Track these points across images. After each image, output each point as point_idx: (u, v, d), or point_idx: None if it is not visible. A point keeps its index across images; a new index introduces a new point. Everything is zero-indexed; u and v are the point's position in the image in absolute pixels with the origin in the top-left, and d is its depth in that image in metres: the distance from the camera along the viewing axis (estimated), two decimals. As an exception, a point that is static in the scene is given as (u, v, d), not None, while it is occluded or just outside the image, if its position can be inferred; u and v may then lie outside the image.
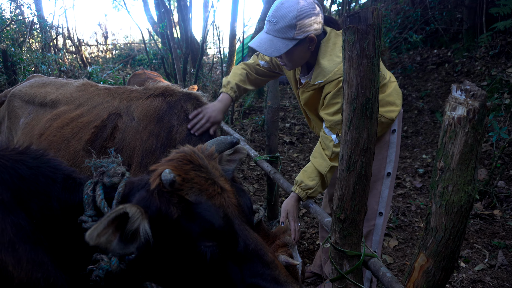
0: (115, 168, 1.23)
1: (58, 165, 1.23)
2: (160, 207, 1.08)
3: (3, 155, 1.14)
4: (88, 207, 1.15)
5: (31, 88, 2.24)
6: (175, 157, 1.18)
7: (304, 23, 1.78)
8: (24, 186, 1.11)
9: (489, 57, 5.87)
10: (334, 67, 1.81)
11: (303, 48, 1.85)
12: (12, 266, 0.99)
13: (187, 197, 1.10)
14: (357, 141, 1.29)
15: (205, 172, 1.17)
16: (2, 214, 1.02)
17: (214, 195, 1.14)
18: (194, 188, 1.12)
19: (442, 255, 1.17)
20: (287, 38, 1.79)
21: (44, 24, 11.65)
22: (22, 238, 1.03)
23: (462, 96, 1.07)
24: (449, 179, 1.10)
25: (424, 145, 5.23)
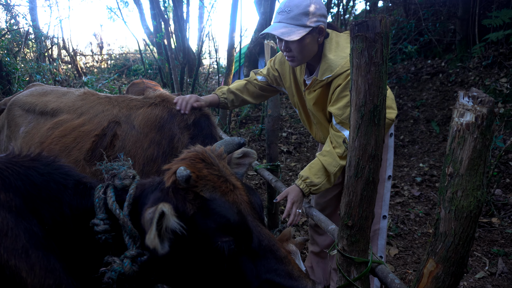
0: (126, 170, 1.24)
1: (69, 171, 1.23)
2: (177, 205, 1.09)
3: (16, 162, 1.14)
4: (99, 210, 1.16)
5: (32, 97, 2.23)
6: (187, 156, 1.21)
7: (316, 12, 1.84)
8: (36, 193, 1.11)
9: (482, 67, 5.97)
10: (342, 61, 1.85)
11: (313, 39, 1.89)
12: (26, 272, 0.99)
13: (202, 194, 1.12)
14: (365, 148, 1.29)
15: (217, 170, 1.20)
16: (16, 220, 1.02)
17: (227, 192, 1.16)
18: (208, 185, 1.14)
19: (452, 260, 1.18)
20: (301, 25, 1.83)
21: (39, 34, 11.66)
22: (34, 244, 1.02)
23: (469, 103, 1.08)
24: (458, 184, 1.10)
25: (420, 154, 5.27)
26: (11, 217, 1.03)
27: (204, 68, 13.84)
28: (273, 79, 2.31)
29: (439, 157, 5.03)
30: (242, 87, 2.36)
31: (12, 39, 10.25)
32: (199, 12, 15.42)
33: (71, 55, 13.83)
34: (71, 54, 13.86)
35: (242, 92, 2.35)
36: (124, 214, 1.14)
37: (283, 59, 2.23)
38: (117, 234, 1.16)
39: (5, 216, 1.02)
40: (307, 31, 1.83)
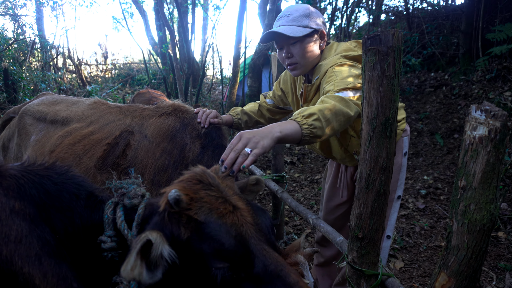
0: (135, 189, 1.23)
1: (82, 181, 1.24)
2: (172, 229, 1.06)
3: (31, 170, 1.16)
4: (108, 227, 1.15)
5: (42, 106, 2.25)
6: (184, 178, 1.16)
7: (315, 16, 1.87)
8: (49, 202, 1.12)
9: (486, 80, 6.00)
10: (330, 63, 1.82)
11: (315, 42, 1.89)
12: (39, 279, 0.99)
13: (195, 217, 1.07)
14: (376, 160, 1.30)
15: (215, 190, 1.13)
16: (30, 228, 1.03)
17: (225, 214, 1.09)
18: (204, 207, 1.08)
19: (464, 274, 1.17)
20: (302, 25, 1.84)
21: (45, 43, 11.82)
22: (47, 252, 1.03)
23: (482, 116, 1.09)
24: (471, 197, 1.11)
25: (424, 167, 5.26)
26: (25, 225, 1.04)
27: (207, 79, 13.95)
28: (279, 100, 2.33)
29: (444, 170, 5.02)
30: (256, 110, 2.37)
31: (18, 49, 10.40)
32: (203, 23, 15.62)
33: (76, 64, 13.98)
34: (76, 64, 14.01)
35: (255, 114, 2.36)
36: (132, 234, 1.12)
37: (286, 78, 2.26)
38: (124, 252, 1.14)
39: (20, 223, 1.03)
40: (309, 31, 1.84)
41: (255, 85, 7.72)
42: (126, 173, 1.91)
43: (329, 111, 1.47)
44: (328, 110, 1.47)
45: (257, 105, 2.39)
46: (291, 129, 1.38)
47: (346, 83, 1.63)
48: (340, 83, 1.64)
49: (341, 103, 1.53)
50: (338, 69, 1.75)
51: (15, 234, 1.01)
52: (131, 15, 15.06)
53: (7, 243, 0.99)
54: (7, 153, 2.32)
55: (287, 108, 2.39)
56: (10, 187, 1.08)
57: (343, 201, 2.38)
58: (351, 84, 1.62)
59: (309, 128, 1.41)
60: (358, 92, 1.64)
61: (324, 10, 10.43)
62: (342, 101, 1.54)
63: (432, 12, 8.26)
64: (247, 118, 2.34)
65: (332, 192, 2.44)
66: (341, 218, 2.44)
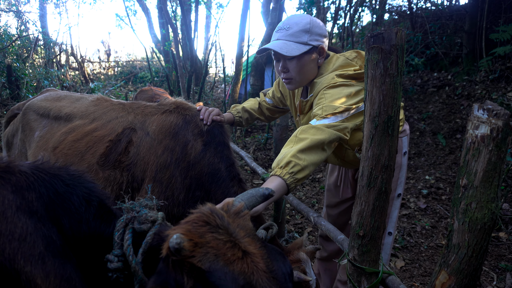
0: (146, 214, 1.18)
1: (94, 187, 1.22)
2: (176, 277, 0.98)
3: (43, 168, 1.15)
4: (116, 246, 1.12)
5: (46, 102, 2.26)
6: (191, 219, 1.06)
7: (317, 31, 1.78)
8: (58, 202, 1.11)
9: (489, 81, 5.98)
10: (324, 82, 1.79)
11: (313, 59, 1.83)
12: (41, 279, 0.98)
13: (199, 265, 0.97)
14: (378, 158, 1.30)
15: (224, 233, 1.03)
16: (35, 226, 1.02)
17: (234, 260, 0.99)
18: (209, 253, 0.99)
19: (465, 272, 1.17)
20: (301, 42, 1.77)
21: (48, 40, 11.85)
22: (52, 252, 1.02)
23: (484, 115, 1.09)
24: (472, 196, 1.11)
25: (426, 166, 5.25)
26: (31, 223, 1.03)
27: (209, 77, 13.97)
28: (278, 101, 2.33)
29: (445, 170, 5.01)
30: (256, 108, 2.36)
31: (21, 45, 10.44)
32: (205, 21, 15.62)
33: (78, 61, 14.02)
34: (78, 61, 14.04)
35: (255, 111, 2.36)
36: (136, 261, 1.10)
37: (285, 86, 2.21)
38: (129, 273, 1.12)
39: (25, 221, 1.02)
40: (307, 49, 1.77)
41: (258, 84, 7.72)
42: (128, 170, 1.91)
43: (302, 152, 1.52)
44: (302, 152, 1.52)
45: (257, 103, 2.39)
46: (276, 186, 1.47)
47: (334, 107, 1.63)
48: (327, 107, 1.64)
49: (316, 134, 1.56)
50: (328, 92, 1.71)
51: (19, 232, 1.00)
52: (134, 12, 15.09)
53: (11, 241, 0.98)
54: (11, 149, 2.34)
55: (286, 109, 2.39)
56: (18, 184, 1.07)
57: (347, 197, 2.40)
58: (340, 108, 1.63)
59: (291, 176, 1.48)
60: (351, 111, 1.65)
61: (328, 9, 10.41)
62: (317, 131, 1.57)
63: (435, 12, 8.24)
64: (248, 116, 2.34)
65: (335, 189, 2.46)
66: (344, 213, 2.46)
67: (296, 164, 1.49)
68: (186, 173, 1.87)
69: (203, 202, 1.88)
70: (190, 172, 1.87)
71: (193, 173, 1.87)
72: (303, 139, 1.56)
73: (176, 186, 1.87)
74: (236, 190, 1.89)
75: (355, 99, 1.70)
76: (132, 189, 1.89)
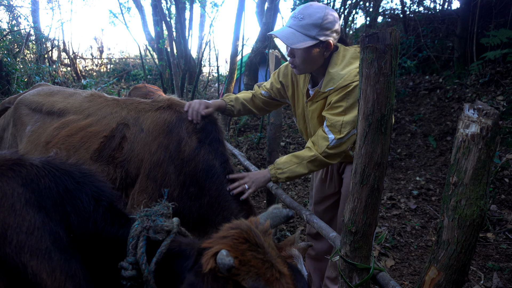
0: (162, 224, 1.18)
1: (104, 187, 1.21)
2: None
3: (54, 164, 1.14)
4: (130, 253, 1.13)
5: (39, 96, 2.24)
6: (230, 234, 1.06)
7: (327, 26, 1.84)
8: (67, 198, 1.10)
9: (479, 84, 6.08)
10: (345, 74, 1.86)
11: (320, 52, 1.89)
12: (47, 274, 0.98)
13: (243, 284, 0.98)
14: (371, 156, 1.33)
15: (262, 253, 1.04)
16: (43, 221, 1.02)
17: (273, 281, 1.00)
18: (251, 272, 0.99)
19: (454, 268, 1.20)
20: (309, 35, 1.83)
21: (40, 36, 11.71)
22: (58, 248, 1.02)
23: (474, 115, 1.12)
24: (462, 193, 1.14)
25: (417, 168, 5.32)
26: (39, 217, 1.03)
27: (203, 76, 13.94)
28: (277, 93, 2.32)
29: (436, 172, 5.08)
30: (249, 99, 2.37)
31: (13, 40, 10.29)
32: (200, 20, 15.58)
33: (71, 58, 13.88)
34: (71, 57, 13.90)
35: (248, 103, 2.37)
36: (149, 270, 1.10)
37: (286, 71, 2.25)
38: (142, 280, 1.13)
39: (34, 215, 1.01)
40: (314, 43, 1.83)
41: (251, 83, 7.74)
42: (122, 166, 1.91)
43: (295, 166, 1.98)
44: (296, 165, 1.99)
45: (250, 94, 2.38)
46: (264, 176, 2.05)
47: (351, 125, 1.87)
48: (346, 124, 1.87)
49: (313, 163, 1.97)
50: (354, 93, 1.84)
51: (27, 225, 1.00)
52: (128, 9, 14.98)
53: (19, 233, 0.98)
54: (2, 143, 2.32)
55: (282, 100, 2.39)
56: (28, 177, 1.06)
57: (331, 192, 2.45)
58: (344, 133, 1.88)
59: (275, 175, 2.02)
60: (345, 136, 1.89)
61: (322, 10, 10.41)
62: (314, 162, 1.96)
63: (428, 16, 8.34)
64: (240, 107, 2.34)
65: (321, 184, 2.51)
66: (330, 209, 2.51)
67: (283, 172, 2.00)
68: (180, 170, 1.87)
69: (197, 198, 1.91)
70: (185, 169, 1.88)
71: (187, 169, 1.88)
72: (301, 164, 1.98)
73: (170, 183, 1.87)
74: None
75: None
76: (126, 185, 1.90)
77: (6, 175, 1.04)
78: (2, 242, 0.97)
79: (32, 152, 1.96)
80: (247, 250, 1.02)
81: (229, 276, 0.97)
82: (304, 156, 1.96)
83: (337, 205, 2.48)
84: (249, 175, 1.98)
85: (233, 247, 1.01)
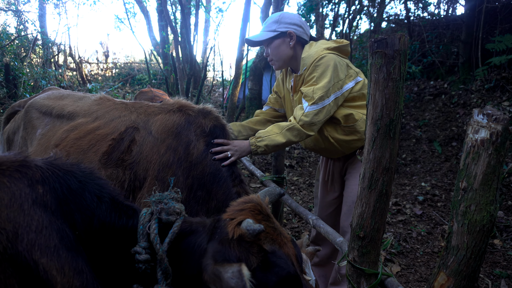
0: (174, 206, 1.25)
1: (105, 184, 1.26)
2: (240, 258, 1.09)
3: (57, 164, 1.18)
4: (142, 239, 1.18)
5: (49, 100, 2.27)
6: (246, 207, 1.21)
7: (285, 20, 2.19)
8: (71, 198, 1.14)
9: (485, 90, 6.06)
10: (313, 52, 2.12)
11: (284, 42, 2.21)
12: (56, 271, 1.01)
13: (264, 247, 1.12)
14: (380, 160, 1.33)
15: (272, 222, 1.21)
16: (50, 220, 1.05)
17: (283, 245, 1.17)
18: (268, 237, 1.15)
19: (463, 274, 1.20)
20: (270, 30, 2.20)
21: (47, 40, 11.82)
22: (65, 245, 1.05)
23: (484, 120, 1.12)
24: (472, 198, 1.14)
25: (422, 173, 5.30)
26: (46, 216, 1.06)
27: (207, 81, 14.00)
28: (275, 102, 2.54)
29: (441, 177, 5.06)
30: (253, 121, 2.50)
31: (20, 44, 10.40)
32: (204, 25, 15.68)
33: (76, 62, 13.99)
34: (76, 62, 14.01)
35: (252, 124, 2.48)
36: (163, 249, 1.16)
37: (278, 80, 2.51)
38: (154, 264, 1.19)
39: (41, 214, 1.04)
40: (275, 35, 2.18)
41: (256, 88, 7.76)
42: (131, 169, 1.92)
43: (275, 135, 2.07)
44: (275, 135, 2.08)
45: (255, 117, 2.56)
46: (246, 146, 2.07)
47: (322, 90, 2.02)
48: (317, 89, 2.03)
49: (291, 132, 2.05)
50: (320, 63, 2.05)
51: (36, 224, 1.02)
52: (133, 14, 15.11)
53: (29, 232, 1.01)
54: (12, 146, 2.34)
55: (280, 111, 2.56)
56: (34, 178, 1.09)
57: (335, 196, 2.52)
58: (328, 93, 2.04)
59: (254, 143, 2.08)
60: (337, 93, 2.07)
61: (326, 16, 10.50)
62: (291, 130, 2.05)
63: (432, 21, 8.35)
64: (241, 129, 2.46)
65: (323, 187, 2.58)
66: (334, 215, 2.56)
67: (262, 140, 2.08)
68: (188, 173, 1.88)
69: (205, 202, 1.91)
70: (192, 172, 1.89)
71: (195, 173, 1.89)
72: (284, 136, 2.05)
73: (178, 185, 1.88)
74: (237, 191, 1.91)
75: (341, 74, 2.07)
76: (134, 187, 1.90)
77: (14, 177, 1.07)
78: (14, 240, 1.00)
79: (42, 155, 1.97)
80: (262, 220, 1.19)
81: (254, 240, 1.12)
82: (283, 125, 2.08)
83: (338, 211, 2.49)
84: (233, 143, 2.00)
85: (252, 217, 1.17)
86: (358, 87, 2.15)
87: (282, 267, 1.10)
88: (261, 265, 1.10)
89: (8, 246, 0.98)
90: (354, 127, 2.16)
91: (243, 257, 1.09)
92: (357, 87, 2.15)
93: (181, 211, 1.27)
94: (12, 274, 0.99)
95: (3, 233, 0.98)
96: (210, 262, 1.10)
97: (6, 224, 0.99)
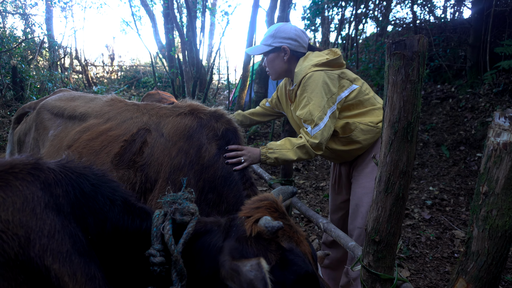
0: (188, 207, 1.24)
1: (117, 186, 1.24)
2: (258, 255, 1.08)
3: (69, 167, 1.16)
4: (156, 240, 1.16)
5: (60, 101, 2.27)
6: (262, 205, 1.21)
7: (280, 35, 2.23)
8: (84, 201, 1.12)
9: (493, 94, 6.02)
10: (303, 67, 2.15)
11: (278, 56, 2.27)
12: (69, 277, 0.99)
13: (282, 244, 1.12)
14: (397, 164, 1.31)
15: (288, 220, 1.21)
16: (63, 224, 1.03)
17: (300, 242, 1.16)
18: (285, 235, 1.15)
19: (484, 280, 1.17)
20: (266, 44, 2.27)
21: (53, 43, 11.93)
22: (78, 251, 1.03)
23: (506, 123, 1.10)
24: (493, 203, 1.12)
25: (430, 177, 5.26)
26: (59, 220, 1.04)
27: (212, 84, 14.03)
28: (275, 104, 2.62)
29: (449, 181, 5.02)
30: (253, 111, 2.73)
31: (27, 47, 10.48)
32: (210, 28, 15.74)
33: (82, 65, 14.08)
34: (82, 64, 14.11)
35: (251, 114, 2.71)
36: (178, 250, 1.15)
37: (281, 85, 2.55)
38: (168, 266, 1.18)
39: (53, 219, 1.02)
40: (269, 49, 2.25)
41: (262, 91, 7.76)
42: (142, 170, 1.92)
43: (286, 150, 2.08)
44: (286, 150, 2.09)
45: (255, 108, 2.76)
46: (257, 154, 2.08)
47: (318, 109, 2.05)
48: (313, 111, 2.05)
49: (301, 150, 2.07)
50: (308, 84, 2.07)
51: (48, 229, 1.00)
52: (139, 18, 15.20)
53: (41, 237, 0.98)
54: (23, 147, 2.34)
55: (280, 112, 2.65)
56: (47, 181, 1.07)
57: (343, 199, 2.53)
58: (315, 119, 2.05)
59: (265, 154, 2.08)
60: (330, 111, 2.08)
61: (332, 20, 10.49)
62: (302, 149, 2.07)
63: (439, 25, 8.31)
64: (242, 118, 2.70)
65: (333, 191, 2.61)
66: (343, 218, 2.58)
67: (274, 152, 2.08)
68: (199, 176, 1.87)
69: (215, 204, 1.90)
70: (204, 175, 1.88)
71: (206, 176, 1.88)
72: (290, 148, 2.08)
73: (189, 187, 1.87)
74: (248, 194, 1.89)
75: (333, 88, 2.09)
76: (145, 189, 1.90)
77: (26, 180, 1.04)
78: (26, 246, 0.97)
79: (55, 156, 1.98)
80: (278, 217, 1.18)
81: (272, 238, 1.12)
82: (295, 142, 2.09)
83: (346, 216, 2.49)
84: (247, 149, 2.02)
85: (269, 215, 1.17)
86: (353, 95, 2.16)
87: (300, 265, 1.10)
88: (279, 262, 1.09)
89: (20, 253, 0.96)
90: (350, 137, 2.16)
91: (261, 255, 1.08)
92: (351, 95, 2.15)
93: (196, 211, 1.26)
94: (23, 281, 0.96)
95: (15, 239, 0.96)
96: (227, 259, 1.09)
97: (19, 229, 0.97)
